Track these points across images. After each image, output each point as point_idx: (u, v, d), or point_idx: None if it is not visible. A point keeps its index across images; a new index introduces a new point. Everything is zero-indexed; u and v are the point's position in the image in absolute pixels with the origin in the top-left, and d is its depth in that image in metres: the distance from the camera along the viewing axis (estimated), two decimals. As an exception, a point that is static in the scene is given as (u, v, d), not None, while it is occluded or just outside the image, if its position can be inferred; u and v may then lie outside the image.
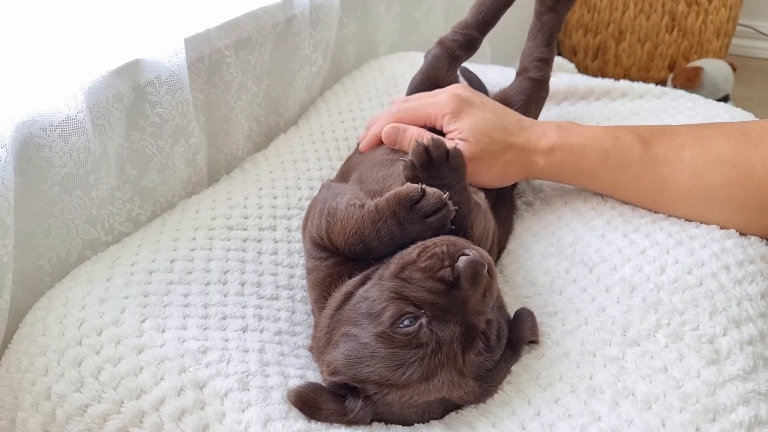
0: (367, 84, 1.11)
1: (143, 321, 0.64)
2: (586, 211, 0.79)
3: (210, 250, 0.75)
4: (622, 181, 0.75)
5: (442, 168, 0.65)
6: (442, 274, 0.56)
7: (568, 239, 0.76)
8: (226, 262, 0.75)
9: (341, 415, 0.57)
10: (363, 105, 1.06)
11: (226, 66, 0.90)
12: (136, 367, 0.60)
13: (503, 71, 1.08)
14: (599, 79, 1.07)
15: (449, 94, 0.79)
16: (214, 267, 0.73)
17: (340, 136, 1.00)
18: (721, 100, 1.55)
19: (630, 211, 0.77)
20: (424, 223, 0.61)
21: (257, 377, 0.61)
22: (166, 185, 0.85)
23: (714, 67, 2.09)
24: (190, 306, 0.68)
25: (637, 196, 0.76)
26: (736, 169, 0.69)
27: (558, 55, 1.79)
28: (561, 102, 1.05)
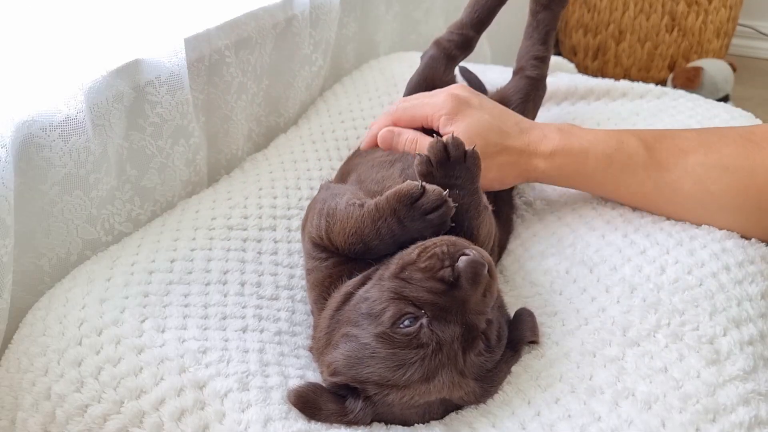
0: (367, 84, 1.11)
1: (143, 321, 0.64)
2: (586, 211, 0.79)
3: (210, 250, 0.75)
4: (624, 185, 0.75)
5: (457, 168, 0.64)
6: (443, 274, 0.56)
7: (568, 239, 0.76)
8: (226, 262, 0.75)
9: (341, 416, 0.57)
10: (363, 105, 1.06)
11: (226, 66, 0.90)
12: (136, 367, 0.60)
13: (503, 71, 1.08)
14: (599, 79, 1.08)
15: (447, 95, 0.77)
16: (214, 267, 0.73)
17: (340, 136, 1.00)
18: (721, 100, 1.55)
19: (630, 212, 0.77)
20: (424, 220, 0.61)
21: (257, 377, 0.61)
22: (166, 185, 0.85)
23: (714, 67, 2.09)
24: (190, 306, 0.68)
25: (640, 201, 0.76)
26: (738, 174, 0.69)
27: (558, 55, 1.79)
28: (561, 102, 1.05)
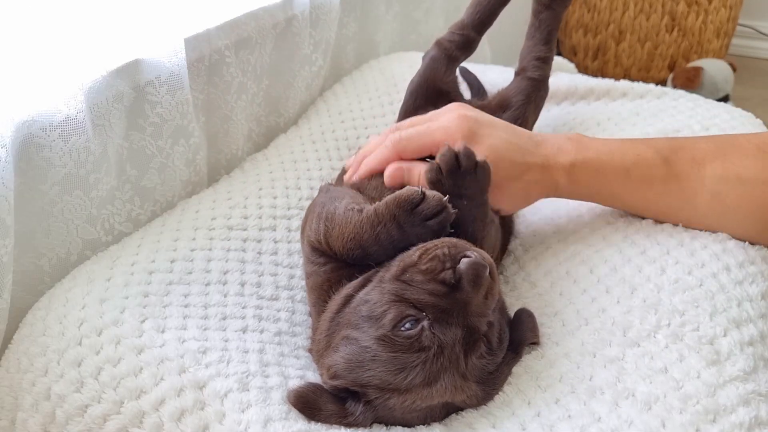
0: (367, 84, 1.11)
1: (143, 321, 0.64)
2: (587, 212, 0.79)
3: (210, 250, 0.75)
4: (642, 199, 0.73)
5: (467, 178, 0.64)
6: (444, 276, 0.55)
7: (569, 239, 0.76)
8: (226, 262, 0.74)
9: (341, 417, 0.56)
10: (363, 105, 1.06)
11: (226, 66, 0.90)
12: (135, 368, 0.60)
13: (503, 71, 1.08)
14: (599, 79, 1.07)
15: (455, 116, 0.72)
16: (214, 267, 0.73)
17: (340, 136, 1.00)
18: (721, 100, 1.55)
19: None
20: (424, 226, 0.60)
21: (257, 378, 0.61)
22: (166, 185, 0.85)
23: (714, 67, 2.09)
24: (190, 306, 0.68)
25: (656, 213, 0.75)
26: (753, 186, 0.69)
27: (558, 55, 1.79)
28: (561, 102, 1.05)
